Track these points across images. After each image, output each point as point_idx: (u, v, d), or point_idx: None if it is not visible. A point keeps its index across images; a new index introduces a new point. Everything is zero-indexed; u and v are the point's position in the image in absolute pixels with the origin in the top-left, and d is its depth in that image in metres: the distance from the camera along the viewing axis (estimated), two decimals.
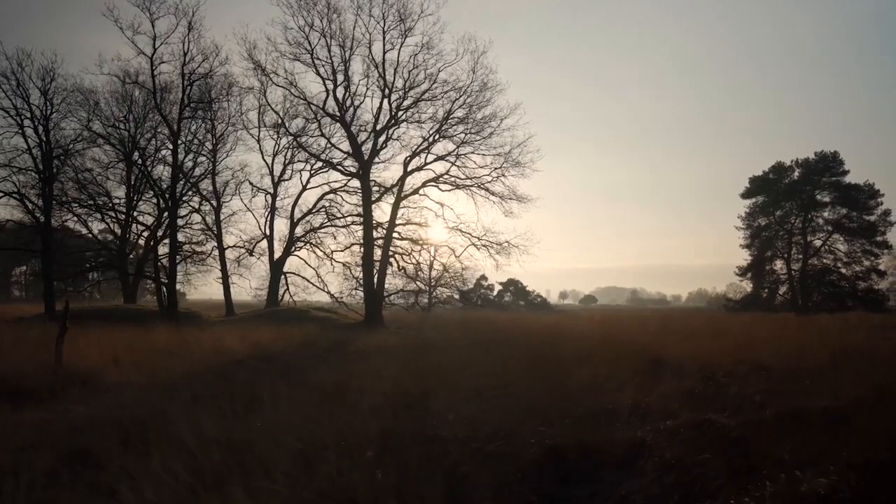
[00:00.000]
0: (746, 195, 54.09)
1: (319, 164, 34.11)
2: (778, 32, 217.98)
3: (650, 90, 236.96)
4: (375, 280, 29.55)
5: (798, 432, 6.40)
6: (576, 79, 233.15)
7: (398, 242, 31.60)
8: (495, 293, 76.49)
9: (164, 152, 34.96)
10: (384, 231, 30.41)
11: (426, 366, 11.10)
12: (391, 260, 30.91)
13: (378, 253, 29.98)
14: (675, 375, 10.82)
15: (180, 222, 36.50)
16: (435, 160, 30.22)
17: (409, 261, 31.99)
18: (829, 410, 7.43)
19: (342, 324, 28.89)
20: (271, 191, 38.74)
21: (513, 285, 75.61)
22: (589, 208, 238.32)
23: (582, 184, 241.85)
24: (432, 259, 46.20)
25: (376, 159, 30.86)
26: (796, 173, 52.23)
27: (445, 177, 30.38)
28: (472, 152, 29.96)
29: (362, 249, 30.14)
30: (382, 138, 29.81)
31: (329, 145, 32.02)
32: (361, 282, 31.09)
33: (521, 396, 7.65)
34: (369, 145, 29.71)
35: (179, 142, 32.72)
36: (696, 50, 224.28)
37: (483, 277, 73.95)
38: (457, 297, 63.77)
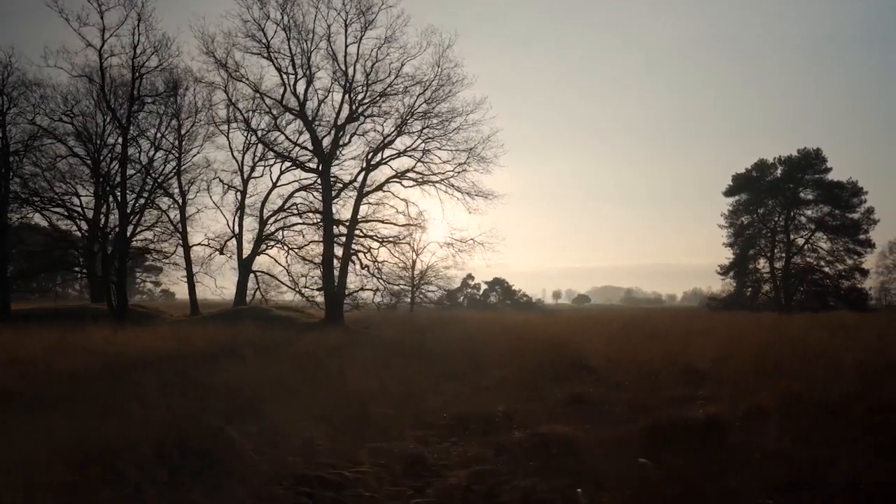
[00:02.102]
0: (729, 193, 53.33)
1: (286, 160, 33.31)
2: (768, 30, 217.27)
3: (646, 88, 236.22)
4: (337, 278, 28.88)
5: (648, 449, 5.70)
6: (570, 77, 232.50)
7: (360, 240, 30.85)
8: (481, 293, 75.63)
9: (131, 150, 34.18)
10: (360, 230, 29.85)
11: (317, 370, 10.39)
12: (353, 258, 30.20)
13: (339, 251, 29.30)
14: (584, 380, 10.16)
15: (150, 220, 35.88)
16: (397, 155, 29.54)
17: (369, 259, 31.24)
18: (708, 422, 6.72)
19: (301, 323, 28.17)
20: (241, 188, 37.97)
21: (498, 285, 74.76)
22: (587, 207, 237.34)
23: (580, 183, 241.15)
24: (414, 259, 45.79)
25: (341, 155, 30.21)
26: (779, 171, 51.46)
27: (410, 173, 29.68)
28: (437, 148, 29.28)
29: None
30: (344, 134, 29.10)
31: (293, 141, 31.25)
32: (320, 280, 30.38)
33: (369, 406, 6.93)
34: (330, 140, 29.01)
35: (143, 138, 32.16)
36: (698, 47, 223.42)
37: (469, 276, 73.26)
38: (442, 295, 63.35)
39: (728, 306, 50.21)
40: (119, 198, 26.26)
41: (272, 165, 36.86)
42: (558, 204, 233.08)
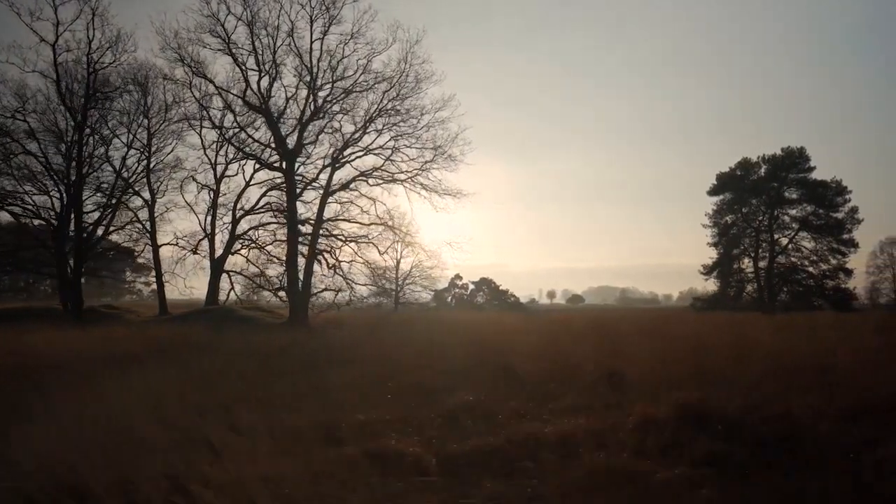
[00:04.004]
0: (713, 192, 52.84)
1: (250, 159, 32.83)
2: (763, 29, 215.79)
3: (642, 87, 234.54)
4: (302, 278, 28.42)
5: (482, 469, 5.21)
6: (566, 75, 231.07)
7: (327, 239, 30.37)
8: (468, 293, 74.98)
9: (102, 150, 33.61)
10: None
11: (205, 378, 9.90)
12: (319, 258, 29.72)
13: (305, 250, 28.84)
14: (492, 385, 9.65)
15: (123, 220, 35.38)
16: (364, 153, 29.07)
17: (332, 258, 30.73)
18: (564, 437, 6.22)
19: (264, 323, 27.66)
20: (213, 187, 37.46)
21: (486, 285, 74.08)
22: (586, 207, 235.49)
23: (578, 182, 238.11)
24: (399, 258, 45.22)
25: (310, 154, 29.82)
26: (763, 170, 50.97)
27: (377, 172, 29.20)
28: (406, 146, 28.85)
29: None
30: (309, 132, 28.64)
31: (259, 141, 30.83)
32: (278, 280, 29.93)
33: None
34: (295, 138, 28.54)
35: (113, 136, 31.72)
36: (698, 45, 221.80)
37: (458, 276, 72.74)
38: (429, 295, 62.80)
39: (712, 306, 49.68)
40: (75, 196, 25.73)
41: (244, 164, 36.47)
42: (557, 204, 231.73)
